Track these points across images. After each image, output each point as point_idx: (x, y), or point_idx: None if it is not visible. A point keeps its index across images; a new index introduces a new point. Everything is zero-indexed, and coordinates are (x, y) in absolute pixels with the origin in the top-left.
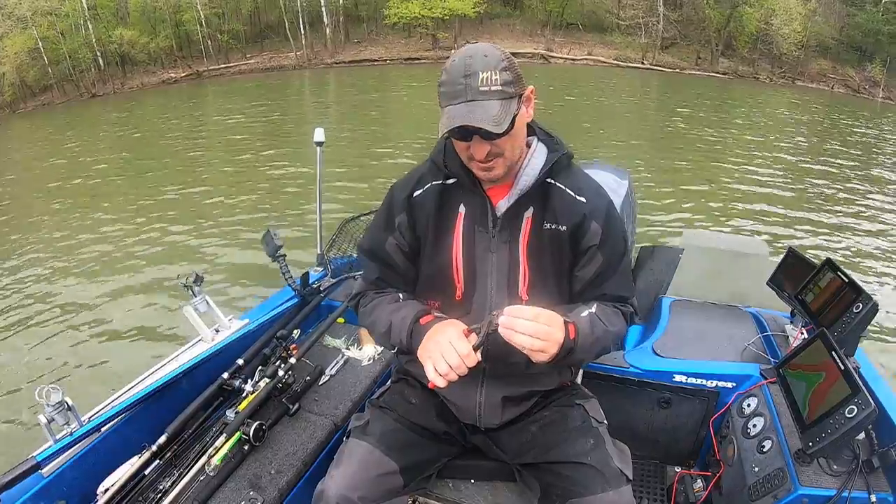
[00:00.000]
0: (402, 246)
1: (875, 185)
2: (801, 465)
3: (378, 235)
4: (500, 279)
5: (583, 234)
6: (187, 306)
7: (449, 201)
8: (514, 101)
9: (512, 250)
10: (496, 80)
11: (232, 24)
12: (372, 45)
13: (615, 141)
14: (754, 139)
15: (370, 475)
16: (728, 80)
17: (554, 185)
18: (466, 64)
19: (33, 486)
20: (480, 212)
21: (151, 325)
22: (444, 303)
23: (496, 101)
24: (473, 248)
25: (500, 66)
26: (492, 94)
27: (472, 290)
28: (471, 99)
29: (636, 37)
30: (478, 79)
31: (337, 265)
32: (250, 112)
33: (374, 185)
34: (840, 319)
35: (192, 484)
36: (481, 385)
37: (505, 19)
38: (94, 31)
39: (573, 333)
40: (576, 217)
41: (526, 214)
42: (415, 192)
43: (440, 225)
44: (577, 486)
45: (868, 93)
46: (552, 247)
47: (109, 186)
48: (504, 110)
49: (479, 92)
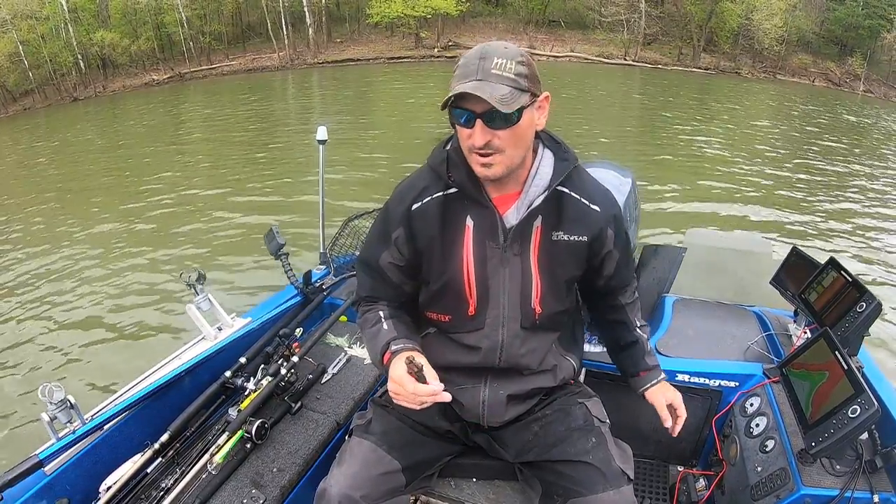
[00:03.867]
0: (398, 261)
1: (877, 182)
2: (804, 464)
3: (373, 248)
4: (514, 293)
5: (601, 244)
6: (190, 304)
7: (454, 214)
8: (526, 95)
9: (524, 262)
10: (510, 68)
11: (214, 25)
12: (355, 44)
13: (602, 138)
14: (746, 133)
15: (372, 474)
16: (710, 76)
17: (565, 193)
18: (484, 49)
19: (36, 483)
20: (490, 225)
21: (154, 323)
22: (455, 318)
23: (507, 85)
24: (485, 263)
25: (517, 59)
26: (503, 79)
27: (485, 305)
28: (481, 78)
29: (618, 33)
30: (492, 62)
31: (339, 263)
32: (244, 111)
33: (374, 183)
34: (843, 319)
35: (195, 482)
36: (486, 383)
37: (487, 17)
38: (75, 34)
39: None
40: (594, 227)
41: (535, 224)
42: (414, 204)
43: (446, 239)
44: (579, 485)
45: (849, 86)
46: (566, 257)
47: (107, 186)
48: (513, 96)
49: (491, 73)
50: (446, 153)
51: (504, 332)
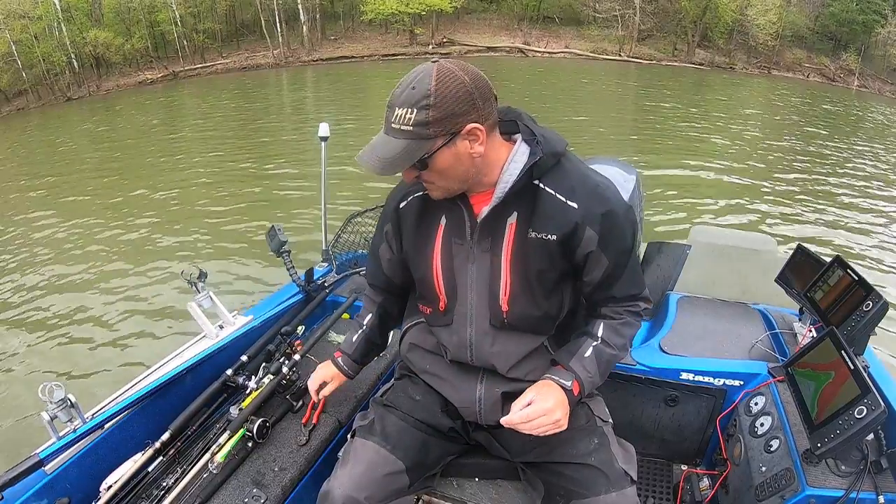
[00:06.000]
0: (389, 255)
1: (884, 179)
2: (809, 465)
3: (377, 238)
4: (482, 290)
5: (577, 243)
6: (191, 302)
7: (430, 212)
8: (431, 142)
9: (493, 259)
10: (409, 119)
11: (207, 23)
12: (349, 41)
13: (598, 134)
14: (743, 129)
15: (377, 475)
16: (705, 71)
17: (542, 188)
18: (394, 93)
19: (36, 483)
20: (457, 222)
21: (155, 321)
22: (433, 312)
23: (403, 140)
24: (451, 259)
25: (422, 104)
26: (401, 133)
27: (453, 302)
28: (386, 132)
29: (613, 29)
30: (393, 113)
31: (342, 261)
32: (239, 109)
33: (369, 178)
34: (850, 318)
35: (196, 481)
36: (480, 381)
37: (482, 14)
38: (68, 34)
39: (577, 389)
40: (566, 226)
41: (510, 220)
42: (400, 203)
43: (420, 236)
44: (581, 486)
45: (843, 81)
46: (539, 256)
47: (107, 186)
48: (408, 151)
49: (391, 128)
50: None
51: (472, 329)
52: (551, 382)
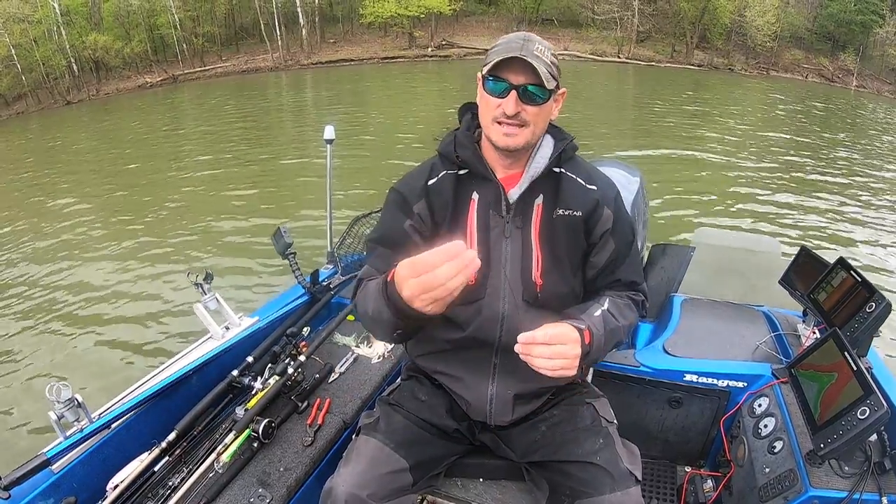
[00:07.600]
0: (422, 230)
1: (882, 180)
2: (813, 466)
3: (393, 222)
4: (515, 263)
5: (596, 221)
6: (197, 304)
7: (463, 190)
8: (555, 83)
9: (525, 236)
10: (548, 55)
11: (206, 26)
12: (348, 44)
13: (599, 135)
14: (744, 129)
15: (379, 473)
16: (704, 72)
17: (564, 173)
18: (527, 34)
19: (43, 482)
20: (494, 198)
21: (161, 322)
22: None
23: (545, 67)
24: (488, 232)
25: (552, 51)
26: (543, 62)
27: (487, 273)
28: (525, 55)
29: (611, 31)
30: (534, 45)
31: (347, 262)
32: (240, 112)
33: (378, 183)
34: (853, 319)
35: (201, 481)
36: (492, 381)
37: (480, 16)
38: (68, 37)
39: (588, 338)
40: (589, 204)
41: (537, 202)
42: (430, 180)
43: (456, 212)
44: (586, 486)
45: (842, 81)
46: (565, 233)
47: (110, 188)
48: (550, 74)
49: (534, 54)
50: (454, 135)
51: (505, 303)
52: (565, 323)
